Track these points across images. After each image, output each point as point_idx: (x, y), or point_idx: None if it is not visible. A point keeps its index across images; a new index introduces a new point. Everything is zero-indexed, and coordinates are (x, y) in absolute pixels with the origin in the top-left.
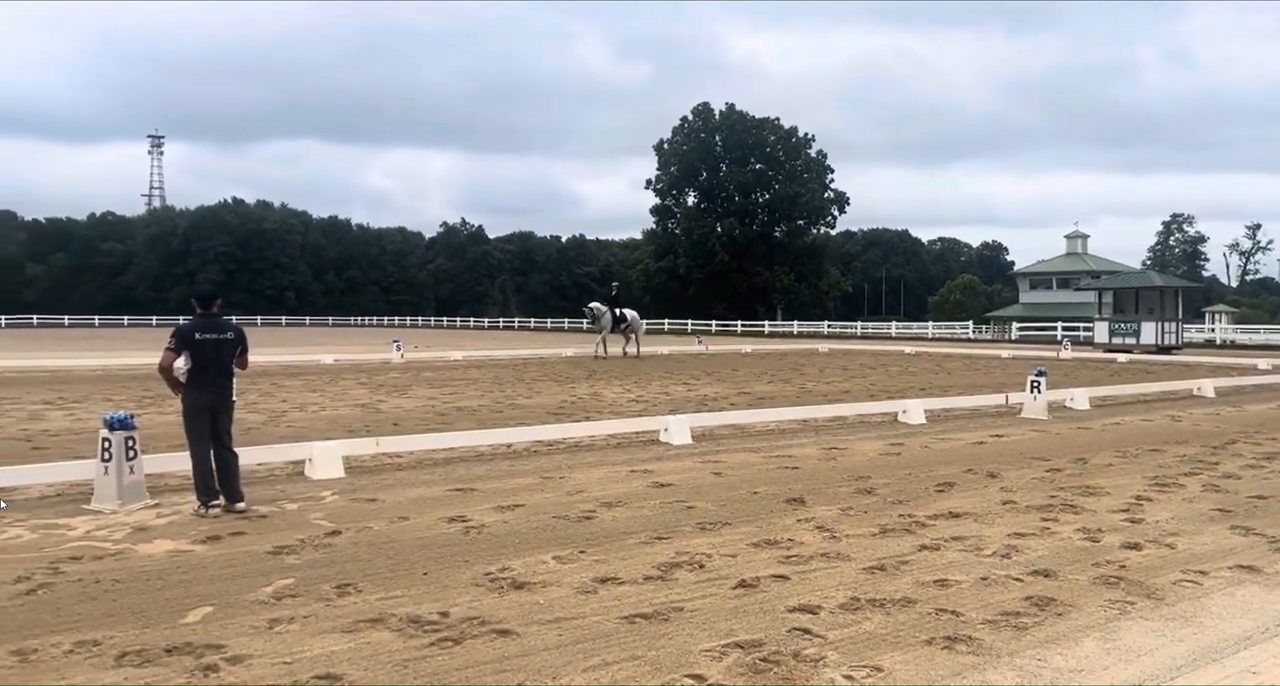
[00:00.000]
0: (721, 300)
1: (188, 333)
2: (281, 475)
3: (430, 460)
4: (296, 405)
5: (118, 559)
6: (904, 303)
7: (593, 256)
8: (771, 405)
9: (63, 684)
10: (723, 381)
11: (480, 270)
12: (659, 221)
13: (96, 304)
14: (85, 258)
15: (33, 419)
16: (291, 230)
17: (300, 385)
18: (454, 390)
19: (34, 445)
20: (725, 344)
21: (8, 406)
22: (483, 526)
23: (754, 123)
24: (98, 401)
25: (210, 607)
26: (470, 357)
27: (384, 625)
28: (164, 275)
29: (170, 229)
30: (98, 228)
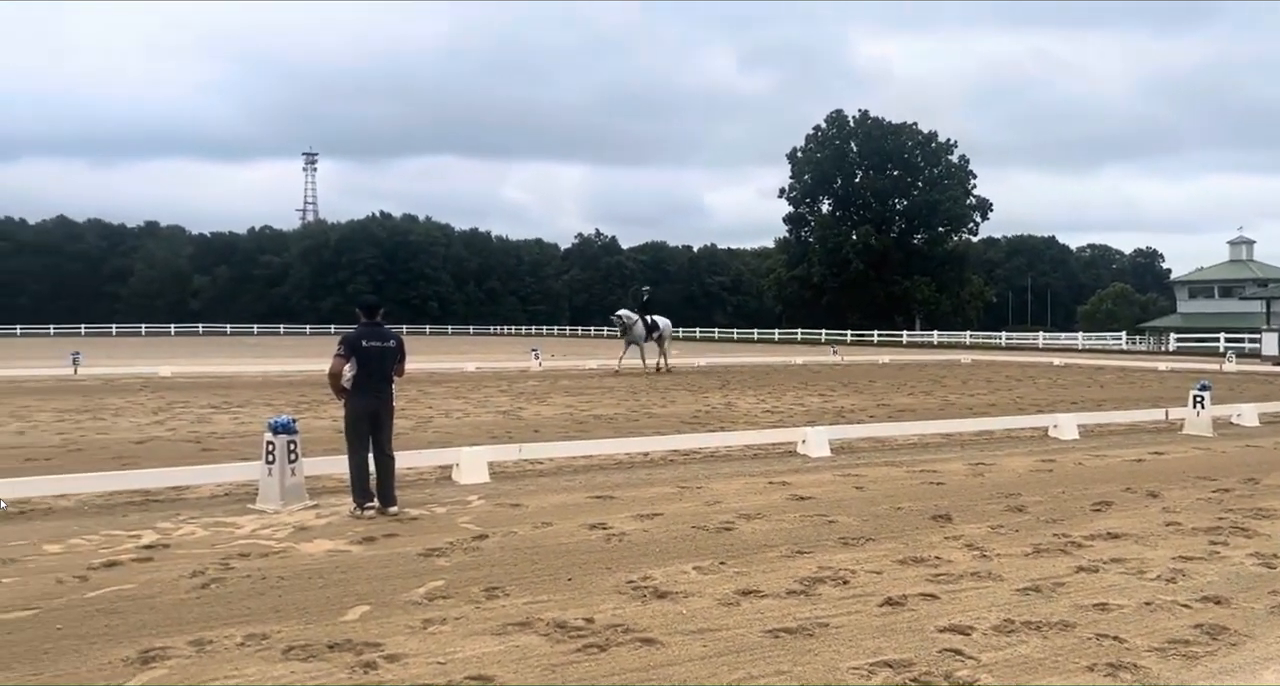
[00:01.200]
0: (857, 309)
1: (355, 340)
2: (430, 479)
3: (570, 467)
4: (442, 411)
5: (281, 557)
6: (1050, 312)
7: (724, 265)
8: (913, 418)
9: (236, 675)
10: (860, 393)
11: (613, 280)
12: (792, 230)
13: (255, 313)
14: (245, 269)
15: (201, 422)
16: (435, 242)
17: (445, 392)
18: (590, 398)
19: (203, 447)
20: (861, 354)
21: (179, 410)
22: (623, 534)
23: (890, 128)
24: (259, 406)
25: (368, 606)
26: (605, 366)
27: (532, 629)
28: (317, 286)
29: (323, 242)
30: (256, 241)
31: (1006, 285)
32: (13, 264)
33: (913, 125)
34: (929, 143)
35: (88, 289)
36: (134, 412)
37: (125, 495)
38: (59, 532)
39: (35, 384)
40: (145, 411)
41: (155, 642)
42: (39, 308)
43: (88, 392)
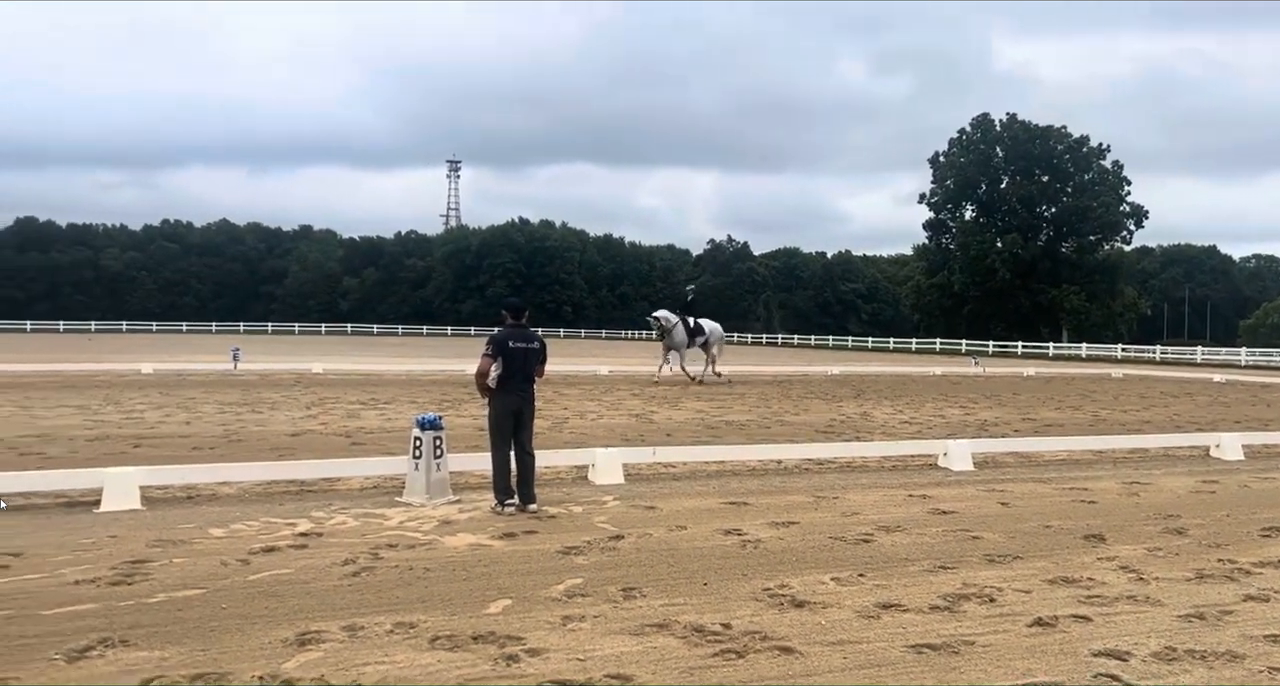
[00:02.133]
0: (1000, 319)
1: (502, 341)
2: (567, 478)
3: (703, 472)
4: (577, 413)
5: (427, 549)
6: (1210, 326)
7: (859, 272)
8: (1060, 433)
9: (386, 661)
10: (1003, 405)
11: (744, 286)
12: (932, 236)
13: (400, 314)
14: (391, 272)
15: (350, 417)
16: (571, 248)
17: (579, 394)
18: (721, 404)
19: (353, 441)
20: (1003, 366)
21: (330, 405)
22: (758, 541)
23: (1038, 132)
24: (404, 403)
25: (509, 600)
26: (735, 372)
27: (669, 631)
28: (458, 289)
29: (464, 246)
30: (402, 245)
31: (1162, 296)
32: (180, 265)
33: (1062, 129)
34: (1080, 147)
35: (246, 289)
36: (289, 407)
37: (282, 485)
38: (222, 518)
39: (199, 378)
40: (299, 406)
41: (311, 626)
42: (203, 306)
43: (246, 387)
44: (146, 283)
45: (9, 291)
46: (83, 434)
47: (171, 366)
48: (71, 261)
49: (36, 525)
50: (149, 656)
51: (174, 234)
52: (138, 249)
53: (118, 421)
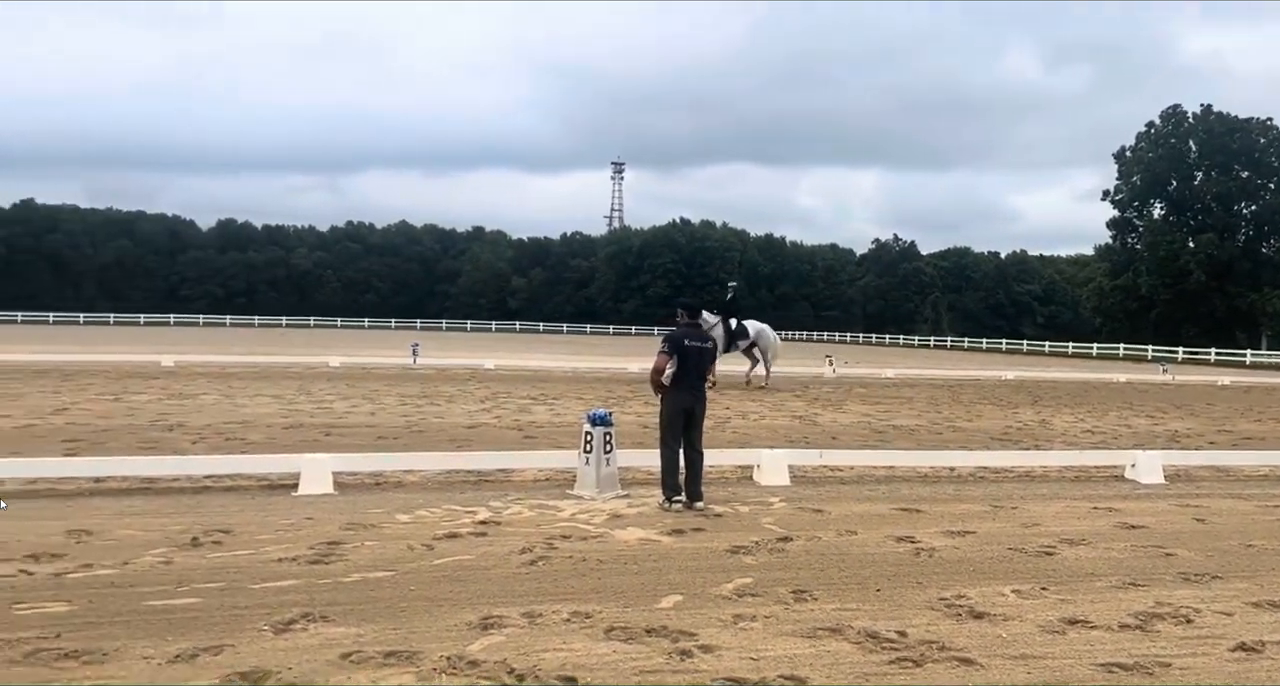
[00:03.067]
0: (1192, 324)
1: (678, 340)
2: (732, 478)
3: (871, 476)
4: (739, 413)
5: (599, 541)
6: None
7: (1034, 273)
8: (1261, 447)
9: (564, 648)
10: (1195, 416)
11: (911, 287)
12: (1116, 236)
13: (565, 313)
14: (557, 272)
15: (522, 411)
16: (731, 248)
17: (740, 394)
18: (888, 408)
19: (525, 434)
20: (1195, 374)
21: (503, 399)
22: (933, 549)
23: (1238, 125)
24: (571, 399)
25: (680, 596)
26: (902, 375)
27: (842, 636)
28: (620, 288)
29: (627, 247)
30: (568, 246)
31: None
32: (362, 264)
33: (1266, 121)
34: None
35: (423, 287)
36: (464, 400)
37: (461, 474)
38: (408, 504)
39: (382, 371)
40: (474, 400)
41: (493, 611)
42: (383, 303)
43: (425, 381)
44: (332, 281)
45: (210, 288)
46: (279, 422)
47: (356, 360)
48: (266, 260)
49: (242, 505)
50: (346, 632)
51: (357, 235)
52: (324, 249)
53: (310, 410)
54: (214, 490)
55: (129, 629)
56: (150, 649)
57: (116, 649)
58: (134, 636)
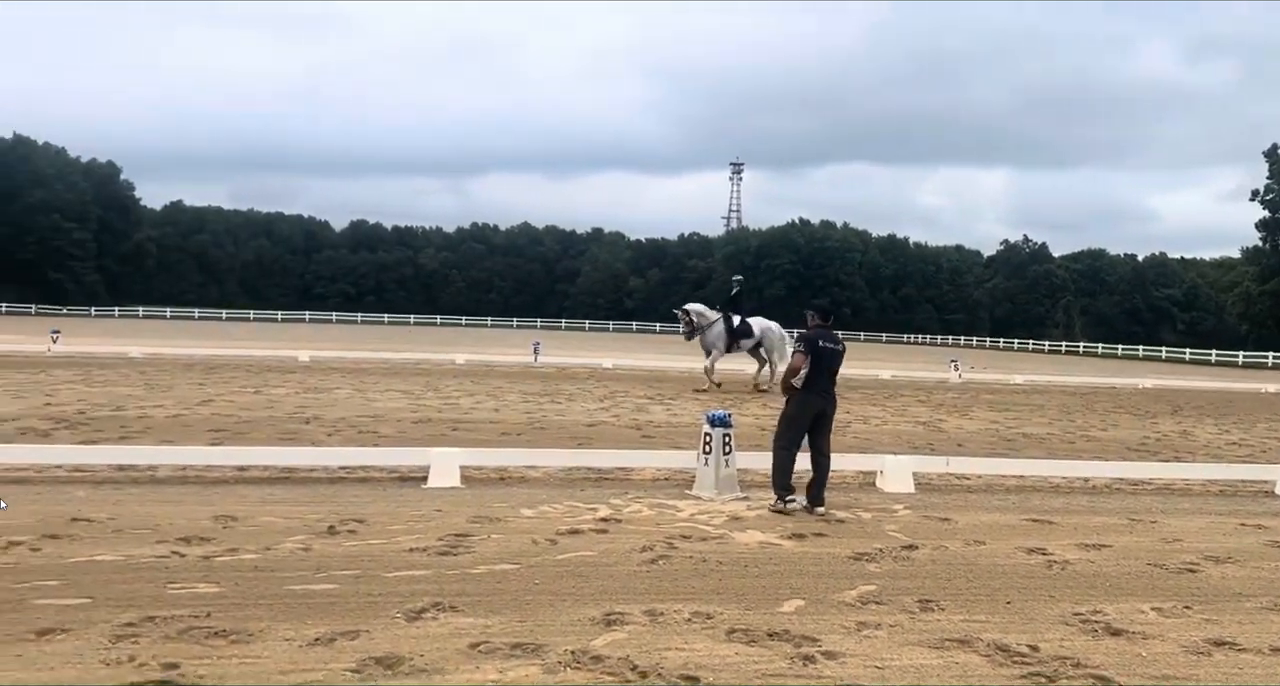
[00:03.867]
0: None
1: (813, 341)
2: (853, 484)
3: (1000, 486)
4: (859, 417)
5: (719, 543)
6: None
7: (1174, 277)
8: None
9: (686, 648)
10: None
11: (1041, 290)
12: (1266, 237)
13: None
14: (674, 272)
15: (639, 410)
16: (851, 248)
17: (860, 398)
18: (1017, 415)
19: (643, 433)
20: None
21: (620, 399)
22: (1066, 563)
23: None
24: (688, 400)
25: (801, 601)
26: (1032, 382)
27: (970, 648)
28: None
29: (744, 248)
30: (685, 246)
31: None
32: (486, 264)
33: None
34: None
35: (543, 287)
36: (584, 399)
37: (582, 471)
38: (531, 499)
39: (505, 369)
40: (593, 398)
41: (615, 607)
42: (505, 302)
43: (546, 378)
44: (457, 280)
45: (342, 286)
46: (408, 416)
47: (480, 357)
48: (395, 260)
49: (375, 496)
50: (474, 622)
51: (481, 236)
52: (450, 249)
53: (437, 406)
54: (348, 481)
55: (271, 611)
56: (291, 631)
57: (261, 630)
58: (276, 618)
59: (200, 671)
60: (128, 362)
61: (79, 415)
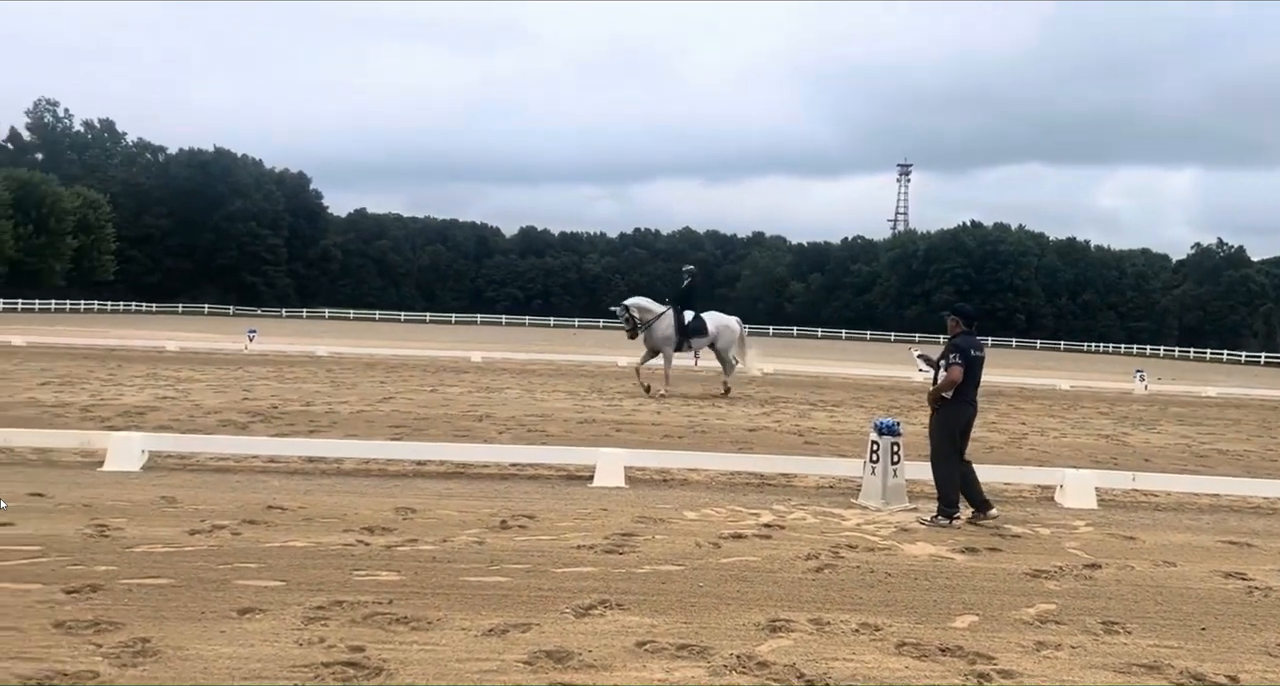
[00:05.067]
0: None
1: (966, 349)
2: (1030, 498)
3: (1192, 504)
4: (1036, 429)
5: (887, 554)
6: None
7: None
8: None
9: (854, 659)
10: None
11: (1237, 296)
12: None
13: (843, 318)
14: (836, 277)
15: (801, 417)
16: (1027, 252)
17: (1036, 409)
18: (1210, 429)
19: (805, 440)
20: None
21: (782, 404)
22: (1269, 589)
23: None
24: (851, 407)
25: (975, 617)
26: (1226, 395)
27: (1161, 674)
28: (903, 294)
29: (911, 251)
30: (848, 250)
31: None
32: (647, 269)
33: None
34: None
35: (703, 292)
36: (745, 403)
37: (744, 476)
38: (693, 502)
39: None
40: (754, 403)
41: (780, 614)
42: None
43: (706, 382)
44: (619, 285)
45: (512, 291)
46: (574, 416)
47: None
48: (561, 265)
49: (544, 493)
50: (640, 621)
51: (643, 241)
52: (613, 254)
53: (601, 407)
54: (519, 477)
55: (449, 601)
56: (467, 621)
57: (439, 618)
58: (453, 608)
59: (384, 655)
60: (315, 361)
61: (272, 409)
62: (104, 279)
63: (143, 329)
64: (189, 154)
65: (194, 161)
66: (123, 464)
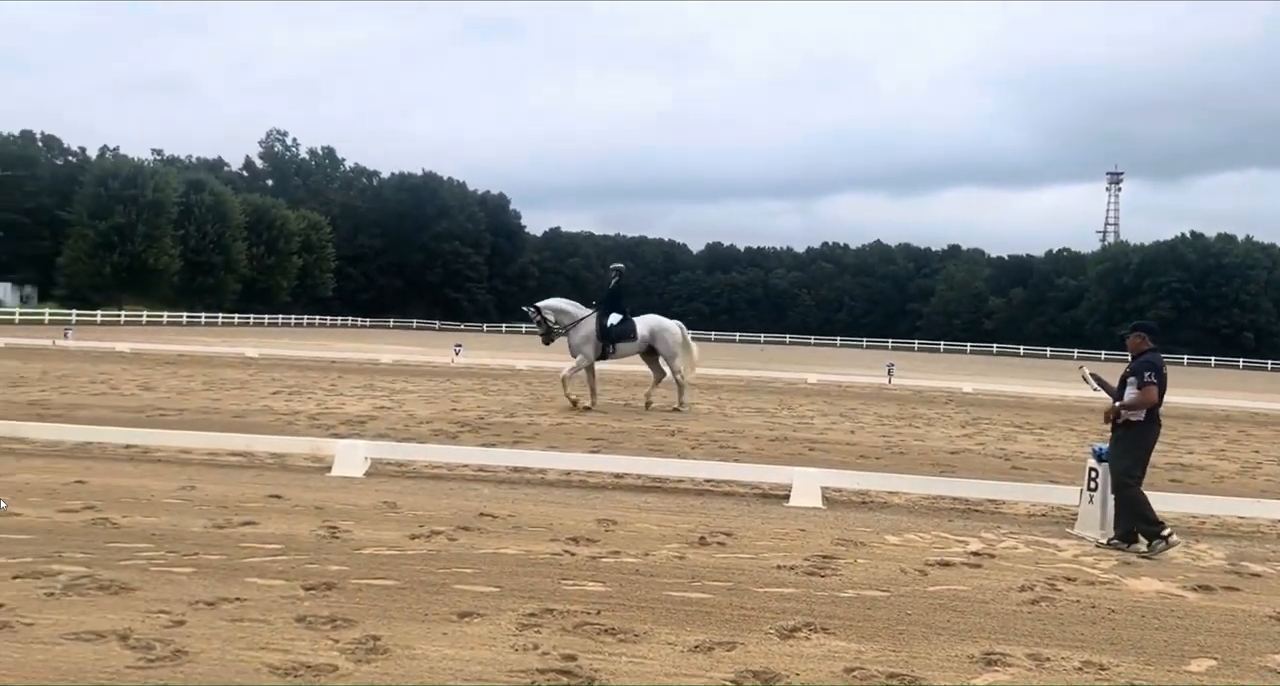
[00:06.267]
0: None
1: (1159, 366)
2: (1269, 533)
3: None
4: (1272, 458)
5: (1108, 588)
6: None
7: None
8: None
9: None
10: None
11: None
12: None
13: (1047, 334)
14: (1040, 291)
15: (1006, 439)
16: (1255, 265)
17: (1271, 435)
18: None
19: (1012, 465)
20: None
21: (984, 425)
22: None
23: None
24: (1061, 430)
25: (1213, 661)
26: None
27: None
28: (1113, 310)
29: (1123, 264)
30: (1053, 263)
31: None
32: (836, 284)
33: None
34: None
35: (894, 306)
36: (943, 424)
37: (948, 500)
38: (895, 526)
39: (857, 390)
40: (953, 424)
41: (995, 647)
42: (854, 322)
43: (901, 401)
44: (806, 300)
45: (697, 305)
46: (765, 434)
47: (831, 377)
48: (746, 280)
49: (740, 510)
50: (846, 647)
51: (831, 255)
52: (800, 269)
53: (792, 424)
54: (713, 494)
55: (653, 614)
56: (672, 635)
57: (645, 632)
58: (658, 622)
59: (595, 665)
60: (514, 374)
61: (479, 420)
62: (324, 295)
63: (358, 342)
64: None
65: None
66: (348, 469)
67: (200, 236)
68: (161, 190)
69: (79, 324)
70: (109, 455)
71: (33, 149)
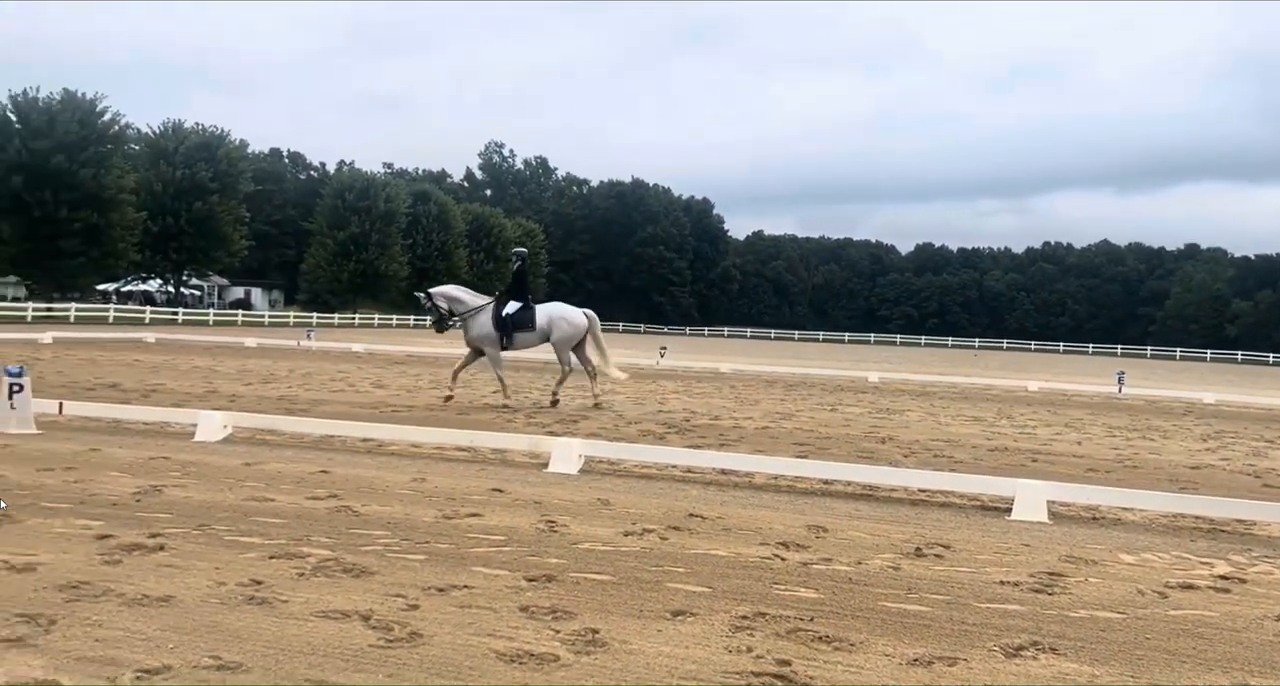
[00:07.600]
0: None
1: None
2: None
3: None
4: None
5: None
6: None
7: None
8: None
9: None
10: None
11: None
12: None
13: None
14: None
15: (1255, 455)
16: None
17: None
18: None
19: (1263, 482)
20: None
21: (1229, 439)
22: None
23: None
24: None
25: None
26: None
27: None
28: None
29: None
30: None
31: None
32: (1058, 285)
33: None
34: None
35: (1123, 310)
36: (1181, 437)
37: (1188, 519)
38: (1130, 544)
39: (1082, 399)
40: (1193, 437)
41: (1249, 679)
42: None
43: (1134, 412)
44: (1024, 303)
45: (906, 309)
46: (983, 443)
47: (1055, 385)
48: (959, 282)
49: (956, 523)
50: (1078, 668)
51: (1052, 256)
52: (1018, 271)
53: (1012, 434)
54: (928, 504)
55: (868, 624)
56: (889, 648)
57: (861, 641)
58: (873, 633)
59: (810, 672)
60: (719, 377)
61: (685, 422)
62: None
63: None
64: (608, 185)
65: (612, 192)
66: (563, 467)
67: (426, 244)
68: (392, 201)
69: (319, 326)
70: (349, 447)
71: (280, 165)
